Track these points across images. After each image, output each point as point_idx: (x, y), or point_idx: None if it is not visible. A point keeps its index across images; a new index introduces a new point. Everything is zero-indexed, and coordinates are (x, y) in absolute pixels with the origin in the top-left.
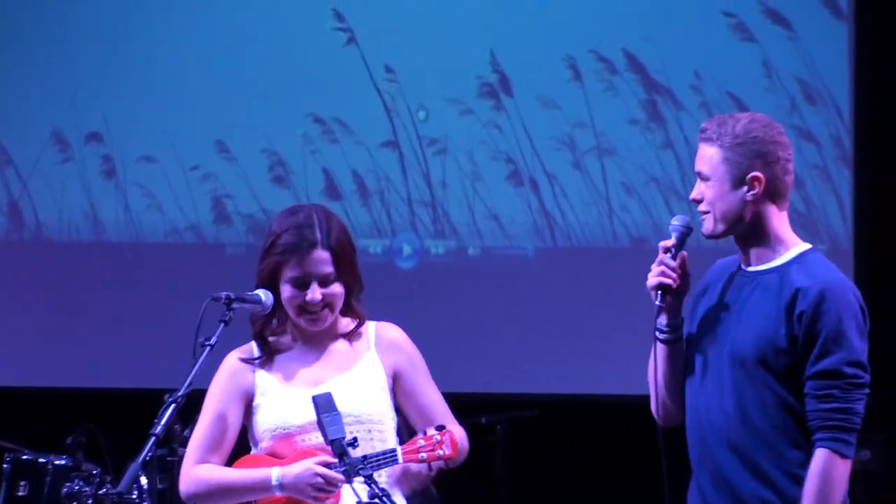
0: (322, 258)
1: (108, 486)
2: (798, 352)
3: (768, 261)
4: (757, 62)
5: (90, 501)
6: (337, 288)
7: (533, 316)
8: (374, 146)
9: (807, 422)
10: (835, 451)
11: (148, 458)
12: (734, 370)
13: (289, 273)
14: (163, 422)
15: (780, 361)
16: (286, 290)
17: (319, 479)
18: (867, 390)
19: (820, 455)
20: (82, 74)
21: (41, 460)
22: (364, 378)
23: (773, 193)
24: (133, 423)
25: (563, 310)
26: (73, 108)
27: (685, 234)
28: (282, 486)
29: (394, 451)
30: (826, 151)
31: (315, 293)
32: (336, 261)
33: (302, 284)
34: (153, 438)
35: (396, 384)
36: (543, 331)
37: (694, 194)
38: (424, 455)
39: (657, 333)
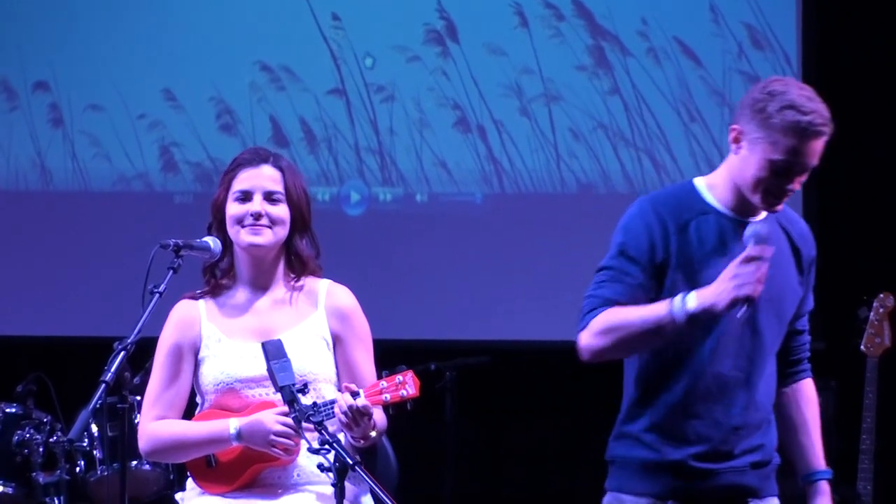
0: (270, 174)
1: (59, 433)
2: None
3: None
4: (704, 7)
5: (41, 449)
6: (282, 210)
7: (482, 262)
8: (321, 94)
9: (790, 355)
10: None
11: (98, 405)
12: (775, 323)
13: (236, 187)
14: (112, 369)
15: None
16: (231, 208)
17: (278, 427)
18: None
19: (811, 383)
20: (29, 23)
21: None
22: (310, 336)
23: None
24: (83, 371)
25: (511, 256)
26: (20, 57)
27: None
28: (239, 435)
29: (356, 394)
30: None
31: (258, 205)
32: (285, 184)
33: (247, 197)
34: (103, 386)
35: (336, 348)
36: (492, 277)
37: (797, 187)
38: (388, 396)
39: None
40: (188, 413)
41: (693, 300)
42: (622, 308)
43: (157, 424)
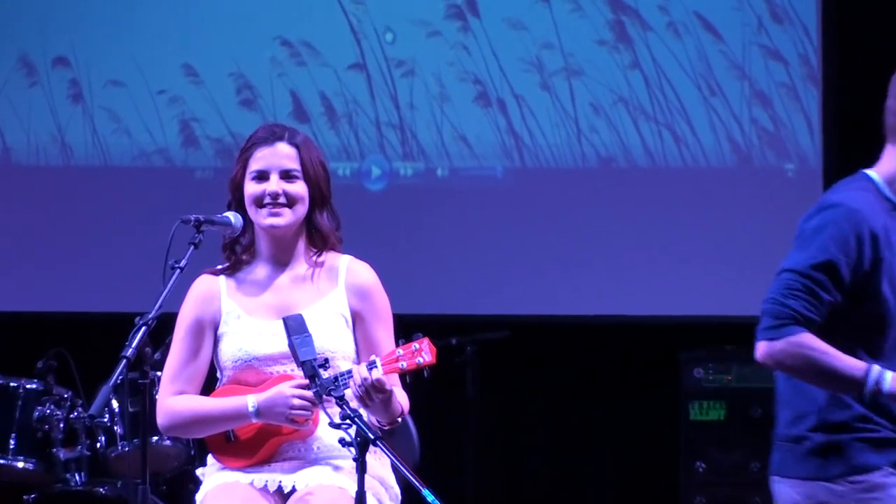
0: (286, 152)
1: (80, 409)
2: None
3: None
4: None
5: (62, 425)
6: (300, 187)
7: (503, 237)
8: (341, 69)
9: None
10: None
11: (119, 381)
12: None
13: (253, 166)
14: (133, 345)
15: None
16: (249, 188)
17: (295, 400)
18: None
19: None
20: None
21: (12, 384)
22: (330, 313)
23: None
24: (103, 347)
25: (532, 230)
26: (41, 32)
27: None
28: (258, 412)
29: (373, 362)
30: (794, 70)
31: (276, 184)
32: (301, 161)
33: (264, 176)
34: (124, 361)
35: (356, 325)
36: (513, 251)
37: None
38: (405, 364)
39: None
40: (208, 388)
41: (889, 381)
42: (822, 346)
43: (175, 399)
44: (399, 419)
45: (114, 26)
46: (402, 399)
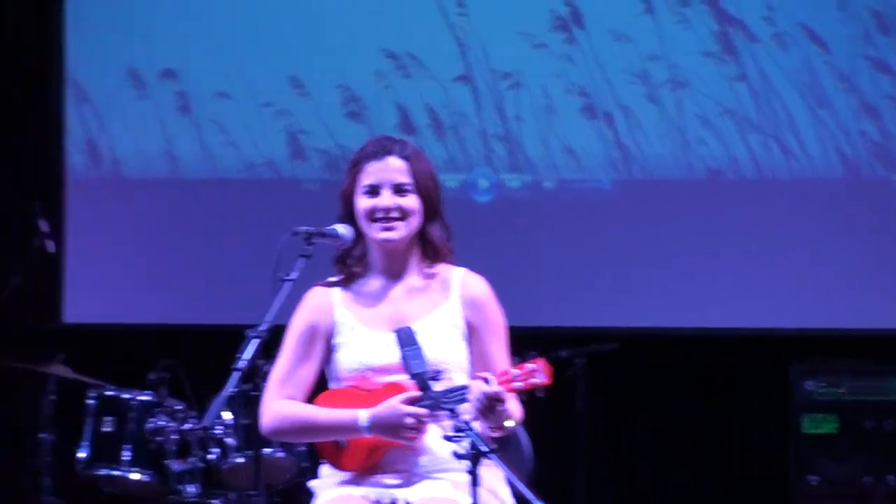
0: (397, 165)
1: (193, 421)
2: None
3: None
4: None
5: (175, 436)
6: (412, 201)
7: (610, 248)
8: (447, 81)
9: None
10: None
11: (232, 392)
12: None
13: (364, 181)
14: (246, 357)
15: None
16: (361, 202)
17: (409, 420)
18: None
19: None
20: (157, 11)
21: (125, 396)
22: (444, 325)
23: None
24: (215, 359)
25: (640, 242)
26: (148, 45)
27: None
28: (371, 427)
29: (487, 381)
30: None
31: (388, 199)
32: (413, 174)
33: (376, 191)
34: (237, 373)
35: (470, 338)
36: (621, 263)
37: None
38: (519, 384)
39: None
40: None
41: None
42: None
43: (283, 403)
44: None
45: (221, 38)
46: (513, 407)
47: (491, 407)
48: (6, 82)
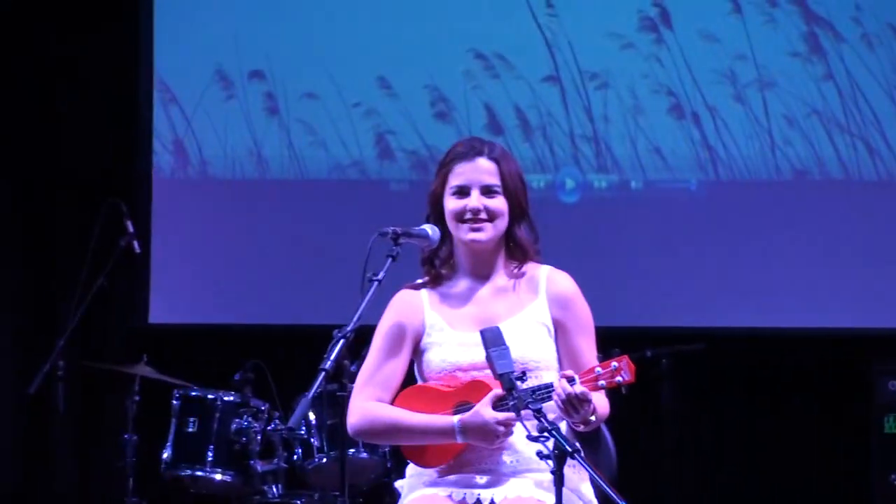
0: (486, 167)
1: (277, 421)
2: None
3: None
4: None
5: (259, 437)
6: (500, 202)
7: (697, 249)
8: (535, 81)
9: None
10: None
11: (317, 393)
12: None
13: (453, 182)
14: (332, 357)
15: None
16: (450, 203)
17: (501, 428)
18: None
19: None
20: (245, 12)
21: (210, 397)
22: (532, 324)
23: None
24: (300, 359)
25: (726, 243)
26: (236, 46)
27: None
28: (464, 434)
29: (572, 379)
30: None
31: (477, 200)
32: (501, 175)
33: (464, 192)
34: (323, 374)
35: (558, 335)
36: (707, 264)
37: None
38: (603, 382)
39: None
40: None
41: None
42: None
43: (375, 405)
44: (595, 420)
45: (308, 39)
46: (600, 403)
47: (576, 406)
48: (96, 83)
